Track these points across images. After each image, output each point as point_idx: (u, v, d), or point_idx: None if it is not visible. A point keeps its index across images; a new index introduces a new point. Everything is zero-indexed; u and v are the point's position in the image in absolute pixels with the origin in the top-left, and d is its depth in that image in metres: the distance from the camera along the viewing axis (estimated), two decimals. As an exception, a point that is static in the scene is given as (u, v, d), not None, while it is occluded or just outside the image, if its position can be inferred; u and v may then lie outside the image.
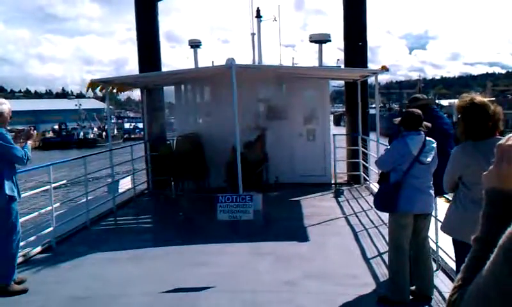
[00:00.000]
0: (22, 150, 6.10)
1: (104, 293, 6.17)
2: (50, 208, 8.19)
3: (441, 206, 6.08)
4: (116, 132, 72.92)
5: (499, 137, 3.82)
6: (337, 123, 55.77)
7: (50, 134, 75.22)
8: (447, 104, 66.82)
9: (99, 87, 11.19)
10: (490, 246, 1.07)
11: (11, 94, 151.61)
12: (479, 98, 4.01)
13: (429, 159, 5.26)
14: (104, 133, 68.54)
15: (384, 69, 11.19)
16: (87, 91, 11.22)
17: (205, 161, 12.89)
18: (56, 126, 76.62)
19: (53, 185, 8.37)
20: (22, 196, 7.68)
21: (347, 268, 6.72)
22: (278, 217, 9.89)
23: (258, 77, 12.19)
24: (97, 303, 5.93)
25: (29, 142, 6.40)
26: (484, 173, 1.24)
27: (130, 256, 7.62)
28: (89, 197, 9.98)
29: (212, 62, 14.32)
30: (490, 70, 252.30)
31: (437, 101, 75.60)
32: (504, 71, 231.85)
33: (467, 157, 3.97)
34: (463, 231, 3.60)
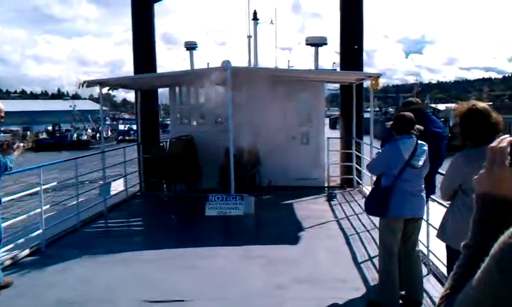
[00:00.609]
0: (3, 159, 5.99)
1: (91, 297, 6.08)
2: (39, 210, 8.08)
3: (433, 210, 6.05)
4: (110, 133, 72.63)
5: None
6: (333, 126, 55.81)
7: (44, 136, 74.77)
8: (444, 108, 67.05)
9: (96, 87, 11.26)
10: (480, 253, 1.03)
11: (6, 95, 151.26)
12: (480, 104, 3.95)
13: (420, 163, 5.21)
14: (98, 134, 68.21)
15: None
16: (79, 87, 11.12)
17: (198, 163, 12.83)
18: (50, 128, 76.21)
19: (43, 187, 8.27)
20: (11, 198, 7.62)
21: (337, 273, 6.68)
22: (270, 220, 9.86)
23: (253, 79, 12.10)
24: (84, 307, 5.84)
25: (15, 154, 6.30)
26: (475, 177, 1.18)
27: (120, 259, 7.53)
28: (80, 200, 9.91)
29: (208, 64, 14.21)
30: (486, 75, 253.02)
31: (434, 105, 75.84)
32: (500, 76, 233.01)
33: (470, 164, 3.77)
34: (458, 238, 3.51)
